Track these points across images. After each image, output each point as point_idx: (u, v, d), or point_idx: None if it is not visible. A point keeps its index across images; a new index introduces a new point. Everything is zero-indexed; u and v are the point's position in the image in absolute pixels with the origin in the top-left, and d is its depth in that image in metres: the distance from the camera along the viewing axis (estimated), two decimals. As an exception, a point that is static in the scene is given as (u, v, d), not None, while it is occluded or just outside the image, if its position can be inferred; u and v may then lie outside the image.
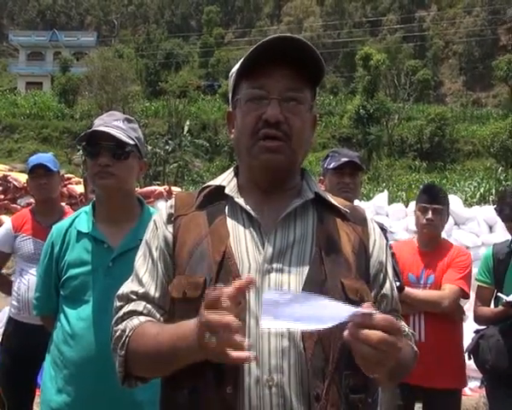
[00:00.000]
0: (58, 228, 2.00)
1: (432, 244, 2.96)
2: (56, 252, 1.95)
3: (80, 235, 1.92)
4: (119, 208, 1.94)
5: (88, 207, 2.00)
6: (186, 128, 27.98)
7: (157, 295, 1.17)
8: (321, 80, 1.22)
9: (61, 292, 1.93)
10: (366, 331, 0.91)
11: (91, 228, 1.92)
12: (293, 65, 1.14)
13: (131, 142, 1.89)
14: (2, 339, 3.21)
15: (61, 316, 1.92)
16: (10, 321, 3.11)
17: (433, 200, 2.91)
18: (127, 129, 1.91)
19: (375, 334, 0.91)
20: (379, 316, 0.92)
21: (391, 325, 0.92)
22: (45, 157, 3.17)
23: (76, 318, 1.86)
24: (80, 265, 1.88)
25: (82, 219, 1.96)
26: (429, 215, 2.88)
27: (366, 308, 0.93)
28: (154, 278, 1.19)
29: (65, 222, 2.02)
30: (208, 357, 0.97)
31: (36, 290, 2.10)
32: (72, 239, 1.93)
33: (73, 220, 1.99)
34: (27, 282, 2.98)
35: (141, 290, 1.18)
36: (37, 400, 3.00)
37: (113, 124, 1.89)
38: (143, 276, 1.20)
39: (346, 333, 0.93)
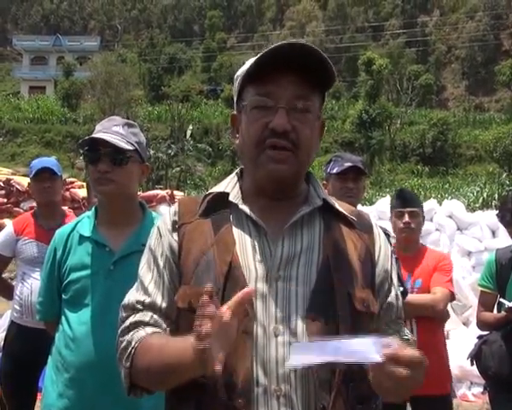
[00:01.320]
0: (60, 233, 2.01)
1: (411, 248, 2.97)
2: (59, 256, 1.95)
3: (82, 239, 1.93)
4: (121, 212, 1.95)
5: (91, 212, 2.01)
6: (189, 132, 28.03)
7: (164, 305, 1.15)
8: (331, 87, 1.19)
9: (63, 296, 1.93)
10: (393, 368, 0.92)
11: (93, 232, 1.92)
12: (301, 71, 1.11)
13: (131, 147, 1.89)
14: (4, 343, 3.20)
15: (63, 320, 1.92)
16: (13, 325, 3.10)
17: (407, 203, 2.93)
18: (127, 134, 1.91)
19: (401, 371, 0.93)
20: (405, 353, 0.94)
21: (417, 361, 0.95)
22: (50, 161, 3.17)
23: (77, 321, 1.86)
24: (81, 268, 1.89)
25: (84, 224, 1.97)
26: (406, 219, 2.89)
27: (391, 344, 0.95)
28: (159, 287, 1.16)
29: (67, 227, 2.02)
30: (208, 372, 0.95)
31: (39, 295, 2.10)
32: (75, 243, 1.94)
33: (76, 225, 1.99)
34: (30, 286, 2.97)
35: (147, 300, 1.16)
36: (38, 404, 2.99)
37: (112, 130, 1.89)
38: (149, 285, 1.17)
39: (372, 369, 0.96)
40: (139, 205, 2.04)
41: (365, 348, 0.92)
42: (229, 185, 1.21)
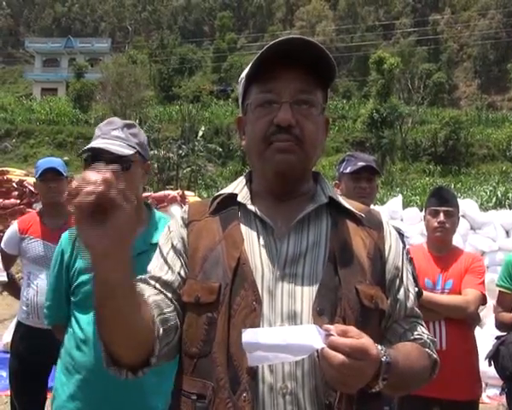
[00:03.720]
0: (67, 235, 2.01)
1: (444, 249, 2.89)
2: (66, 259, 1.95)
3: None
4: None
5: None
6: (200, 133, 28.10)
7: (167, 277, 1.15)
8: (333, 81, 1.19)
9: (72, 298, 1.93)
10: (330, 353, 0.91)
11: None
12: (303, 66, 1.12)
13: (131, 151, 1.86)
14: (11, 344, 3.22)
15: (73, 322, 1.92)
16: (20, 326, 3.11)
17: (443, 202, 2.84)
18: (127, 137, 1.88)
19: (338, 357, 0.91)
20: (344, 341, 0.92)
21: (356, 351, 0.92)
22: (55, 161, 3.18)
23: (87, 323, 1.85)
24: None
25: None
26: (441, 218, 2.80)
27: (330, 330, 0.94)
28: (163, 268, 1.17)
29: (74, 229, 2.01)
30: (94, 263, 0.87)
31: (46, 299, 2.09)
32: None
33: None
34: (36, 286, 2.99)
35: (151, 274, 1.17)
36: (47, 403, 3.00)
37: (111, 134, 1.86)
38: (151, 270, 1.18)
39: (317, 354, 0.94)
40: (145, 206, 2.03)
41: (310, 336, 0.92)
42: (238, 187, 1.22)
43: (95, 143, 1.85)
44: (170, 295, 1.13)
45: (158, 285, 1.14)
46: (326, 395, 1.02)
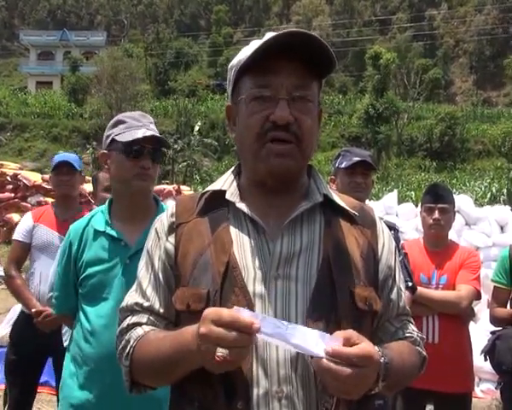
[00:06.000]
0: (75, 227, 2.02)
1: (440, 244, 2.93)
2: (74, 251, 1.96)
3: (97, 233, 1.94)
4: (140, 207, 1.98)
5: (104, 207, 2.03)
6: (196, 127, 28.03)
7: (161, 310, 1.15)
8: (331, 72, 1.15)
9: (80, 290, 1.95)
10: (333, 367, 0.90)
11: (108, 226, 1.94)
12: (300, 59, 1.08)
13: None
14: (11, 332, 3.29)
15: (81, 314, 1.94)
16: (22, 314, 3.17)
17: (438, 199, 2.88)
18: (157, 131, 1.99)
19: (345, 371, 0.90)
20: (349, 351, 0.91)
21: (362, 359, 0.91)
22: (71, 156, 3.35)
23: (95, 315, 1.88)
24: (98, 263, 1.90)
25: (99, 218, 1.99)
26: (436, 215, 2.85)
27: (335, 340, 0.92)
28: (157, 290, 1.16)
29: (82, 222, 2.03)
30: (206, 365, 0.95)
31: (55, 290, 2.12)
32: (90, 238, 1.95)
33: (90, 220, 2.01)
34: (40, 274, 3.07)
35: (145, 304, 1.16)
36: (39, 397, 3.00)
37: (151, 127, 1.95)
38: (147, 288, 1.17)
39: (314, 364, 0.93)
40: (153, 199, 2.09)
41: (312, 340, 0.91)
42: (227, 183, 1.17)
43: (148, 132, 1.90)
44: (163, 324, 1.15)
45: (152, 318, 1.15)
46: (322, 402, 1.01)
